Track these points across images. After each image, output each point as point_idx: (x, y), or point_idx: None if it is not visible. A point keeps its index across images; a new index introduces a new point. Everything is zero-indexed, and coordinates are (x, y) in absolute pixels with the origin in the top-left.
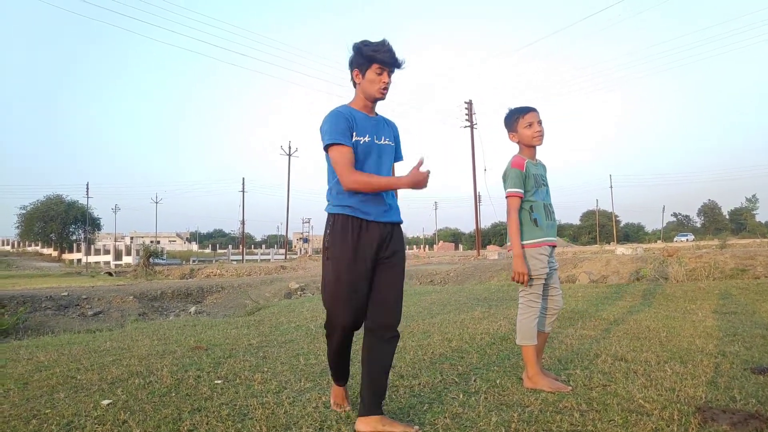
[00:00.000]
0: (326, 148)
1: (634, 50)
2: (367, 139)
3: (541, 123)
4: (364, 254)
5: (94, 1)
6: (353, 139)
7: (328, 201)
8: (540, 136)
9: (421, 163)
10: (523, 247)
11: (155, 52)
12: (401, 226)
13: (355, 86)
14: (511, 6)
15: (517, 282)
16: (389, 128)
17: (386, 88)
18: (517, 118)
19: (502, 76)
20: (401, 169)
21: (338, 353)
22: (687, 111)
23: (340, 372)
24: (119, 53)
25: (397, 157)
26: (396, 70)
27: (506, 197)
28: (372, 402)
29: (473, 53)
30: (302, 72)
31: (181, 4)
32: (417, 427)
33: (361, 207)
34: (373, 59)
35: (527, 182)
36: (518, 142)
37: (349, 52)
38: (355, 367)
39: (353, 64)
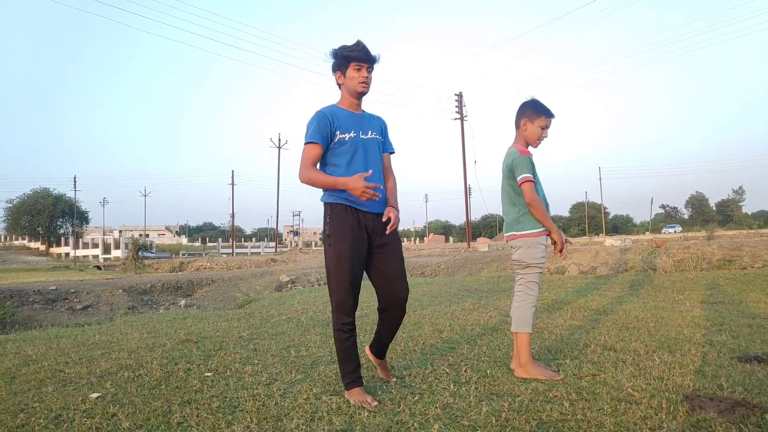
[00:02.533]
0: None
1: (623, 43)
2: (352, 134)
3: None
4: (360, 238)
5: None
6: (338, 137)
7: (325, 191)
8: (542, 141)
9: (368, 174)
10: (526, 236)
11: (143, 44)
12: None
13: (340, 88)
14: None
15: (563, 246)
16: (376, 122)
17: (365, 82)
18: (539, 114)
19: (492, 68)
20: (395, 159)
21: (349, 342)
22: (675, 103)
23: (353, 367)
24: (107, 45)
25: (387, 148)
26: (374, 66)
27: (521, 183)
28: (381, 352)
29: (463, 45)
30: (292, 63)
31: None
32: (395, 378)
33: (355, 198)
34: (350, 58)
35: (533, 172)
36: (524, 131)
37: (328, 60)
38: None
39: (335, 68)
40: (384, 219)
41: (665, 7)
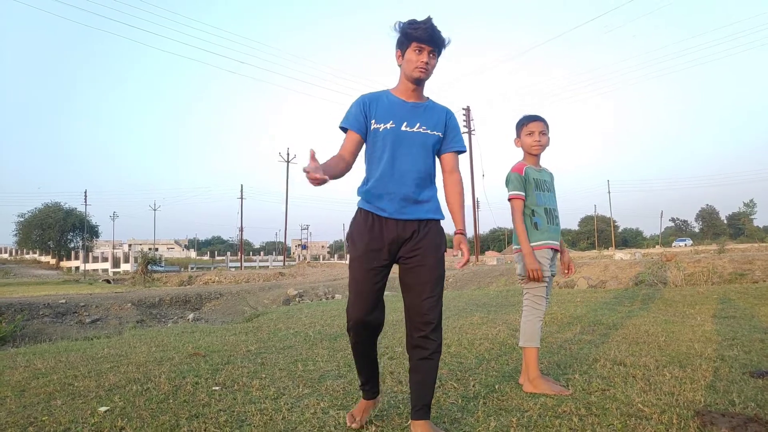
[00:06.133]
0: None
1: (631, 56)
2: (389, 125)
3: (544, 134)
4: (379, 250)
5: (96, 10)
6: (373, 127)
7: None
8: (538, 145)
9: (311, 155)
10: None
11: (153, 60)
12: (438, 222)
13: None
14: (508, 13)
15: (533, 279)
16: (435, 114)
17: (425, 69)
18: (522, 125)
19: (499, 83)
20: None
21: (359, 352)
22: (684, 116)
23: (364, 377)
24: (117, 61)
25: (449, 146)
26: (441, 51)
27: (509, 200)
28: (413, 408)
29: (471, 60)
30: (301, 79)
31: (181, 13)
32: None
33: (376, 202)
34: (411, 37)
35: (528, 186)
36: (521, 147)
37: (393, 35)
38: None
39: (397, 45)
40: (455, 253)
41: (672, 21)
